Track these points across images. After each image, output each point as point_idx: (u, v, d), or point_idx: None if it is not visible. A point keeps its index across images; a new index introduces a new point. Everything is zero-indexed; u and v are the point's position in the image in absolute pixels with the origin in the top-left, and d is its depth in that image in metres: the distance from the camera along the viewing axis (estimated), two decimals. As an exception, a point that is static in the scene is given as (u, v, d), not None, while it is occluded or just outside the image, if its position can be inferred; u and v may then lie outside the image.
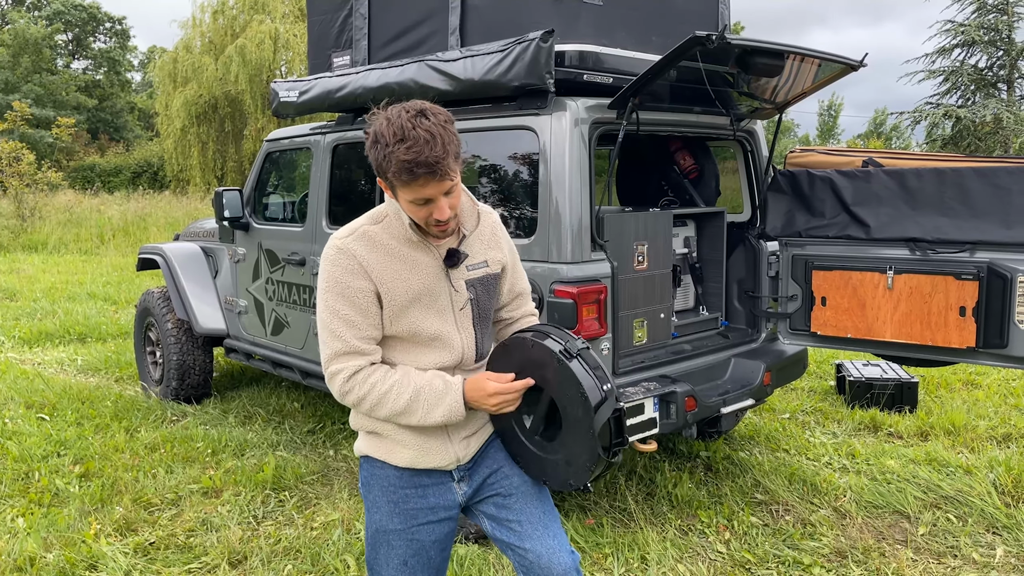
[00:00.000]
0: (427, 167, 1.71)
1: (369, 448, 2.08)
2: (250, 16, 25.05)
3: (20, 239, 16.83)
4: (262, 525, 3.89)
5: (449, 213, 1.82)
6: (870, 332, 3.93)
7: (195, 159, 25.49)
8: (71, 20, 38.10)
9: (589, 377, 1.87)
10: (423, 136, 1.70)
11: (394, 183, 1.79)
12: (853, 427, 5.17)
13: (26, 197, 17.77)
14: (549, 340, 1.93)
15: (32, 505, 4.07)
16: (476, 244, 2.04)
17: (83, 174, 27.69)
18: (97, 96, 36.32)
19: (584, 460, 1.90)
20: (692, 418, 3.61)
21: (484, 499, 2.10)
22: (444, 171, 1.73)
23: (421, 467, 2.02)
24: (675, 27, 3.89)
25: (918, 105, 18.96)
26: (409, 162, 1.71)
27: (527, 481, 2.10)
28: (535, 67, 3.30)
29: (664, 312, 3.92)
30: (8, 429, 5.17)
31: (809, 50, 3.42)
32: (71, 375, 6.82)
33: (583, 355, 1.89)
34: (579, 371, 1.87)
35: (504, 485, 2.09)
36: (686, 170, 4.63)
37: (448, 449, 2.01)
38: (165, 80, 25.71)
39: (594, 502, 4.01)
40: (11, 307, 9.91)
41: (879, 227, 3.89)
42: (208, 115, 25.63)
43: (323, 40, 4.76)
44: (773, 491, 4.14)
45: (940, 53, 18.98)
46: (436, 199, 1.79)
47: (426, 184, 1.75)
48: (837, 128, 45.01)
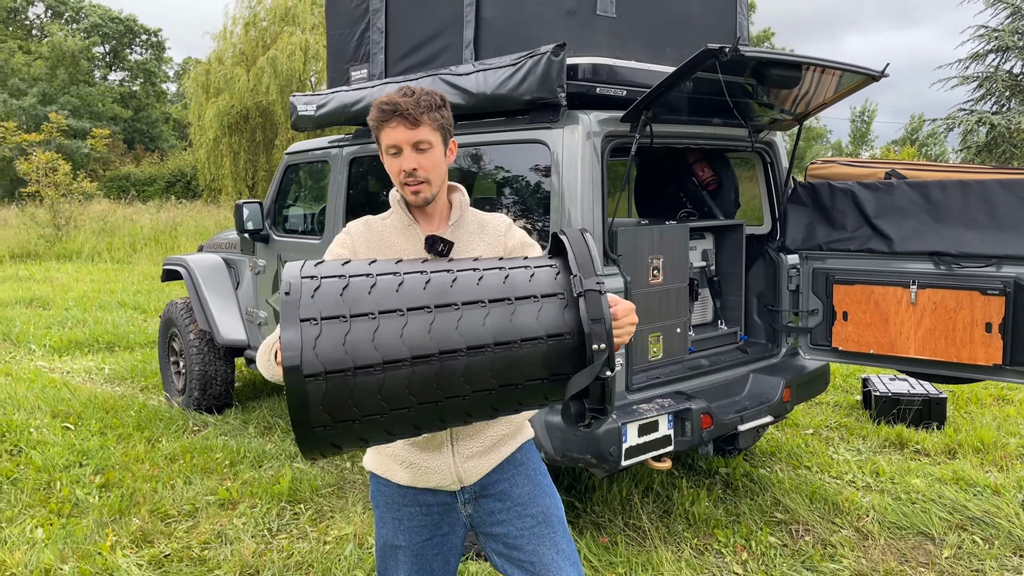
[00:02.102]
0: (394, 106, 1.86)
1: (372, 464, 2.07)
2: (280, 28, 25.36)
3: (55, 248, 17.17)
4: (276, 538, 3.89)
5: (413, 164, 1.89)
6: (893, 348, 3.84)
7: (227, 168, 25.81)
8: (108, 33, 38.92)
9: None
10: (402, 90, 1.91)
11: (375, 134, 1.93)
12: (878, 444, 5.06)
13: (61, 207, 18.13)
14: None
15: (52, 515, 4.12)
16: (465, 236, 2.02)
17: (118, 184, 28.22)
18: (133, 107, 37.05)
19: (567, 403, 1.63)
20: (708, 435, 3.55)
21: (494, 535, 2.03)
22: (413, 118, 1.86)
23: (421, 486, 2.00)
24: (691, 38, 3.84)
25: (951, 112, 18.59)
26: (381, 102, 1.89)
27: (540, 522, 2.02)
28: (547, 81, 3.27)
29: (680, 327, 3.87)
30: (33, 438, 5.24)
31: (826, 61, 3.36)
32: (98, 384, 6.92)
33: (589, 298, 1.58)
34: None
35: (517, 526, 2.01)
36: (705, 182, 4.58)
37: (449, 468, 1.97)
38: (198, 91, 26.09)
39: (608, 520, 3.95)
40: (43, 315, 10.09)
41: (902, 240, 3.81)
42: (240, 125, 25.96)
43: (341, 54, 4.78)
44: (793, 510, 4.05)
45: (973, 59, 18.61)
46: (403, 148, 1.89)
47: (396, 128, 1.87)
48: (871, 134, 44.37)
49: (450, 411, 1.59)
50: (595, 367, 1.53)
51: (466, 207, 2.07)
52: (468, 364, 1.55)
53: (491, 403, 1.62)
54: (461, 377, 1.55)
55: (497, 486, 2.03)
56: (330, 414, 1.50)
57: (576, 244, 1.66)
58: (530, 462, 2.09)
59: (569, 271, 1.63)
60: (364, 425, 1.54)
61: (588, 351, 1.55)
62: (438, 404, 1.56)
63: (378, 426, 1.55)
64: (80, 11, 39.25)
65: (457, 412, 1.60)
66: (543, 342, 1.58)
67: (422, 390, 1.53)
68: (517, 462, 2.06)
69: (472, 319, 1.55)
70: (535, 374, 1.60)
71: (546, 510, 2.05)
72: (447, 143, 1.97)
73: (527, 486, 2.05)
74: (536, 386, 1.62)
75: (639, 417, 3.34)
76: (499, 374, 1.57)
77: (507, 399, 1.62)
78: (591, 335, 1.55)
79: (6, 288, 12.38)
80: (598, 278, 1.59)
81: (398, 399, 1.52)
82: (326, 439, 1.53)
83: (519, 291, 1.61)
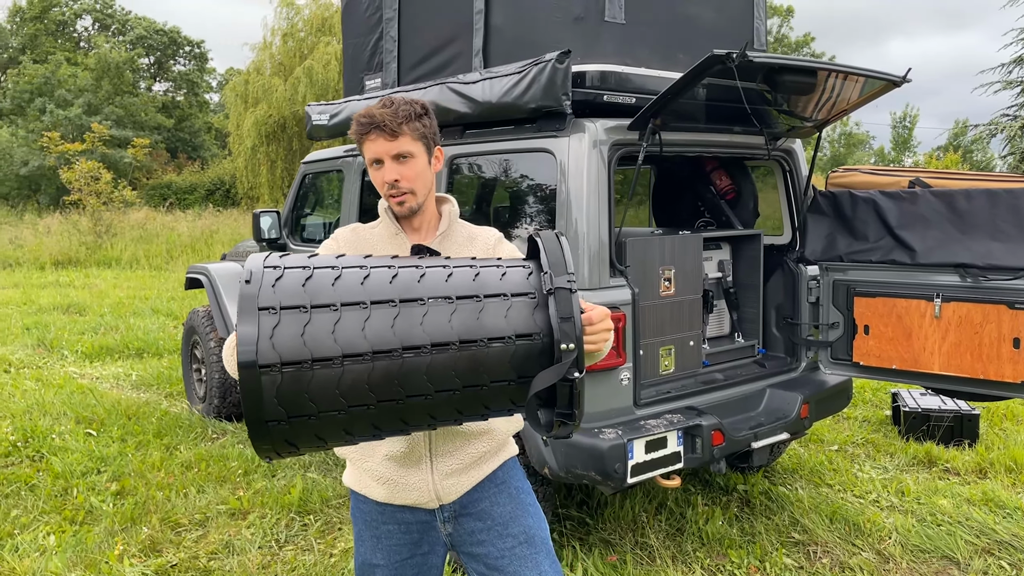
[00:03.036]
0: (371, 118, 1.85)
1: (350, 480, 2.03)
2: (317, 38, 25.71)
3: (95, 255, 17.54)
4: (283, 550, 3.87)
5: (394, 176, 1.87)
6: (916, 363, 3.70)
7: (264, 177, 26.21)
8: (153, 44, 39.85)
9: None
10: (381, 102, 1.90)
11: (358, 148, 1.92)
12: (906, 461, 4.87)
13: (102, 215, 18.54)
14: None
15: (65, 522, 4.15)
16: (453, 248, 1.98)
17: (160, 192, 28.79)
18: (176, 117, 37.82)
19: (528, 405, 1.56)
20: (720, 453, 3.44)
21: (474, 555, 1.98)
22: (391, 130, 1.84)
23: (398, 503, 1.95)
24: (704, 44, 3.74)
25: (994, 117, 18.10)
26: (359, 116, 1.88)
27: (522, 542, 1.97)
28: (551, 89, 3.22)
29: (693, 339, 3.76)
30: (55, 444, 5.31)
31: (842, 66, 3.24)
32: (124, 390, 7.01)
33: (559, 296, 1.52)
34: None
35: (498, 546, 1.95)
36: (722, 191, 4.47)
37: (428, 485, 1.92)
38: (236, 101, 26.58)
39: (619, 537, 3.86)
40: (79, 322, 10.29)
41: (926, 251, 3.66)
42: (277, 134, 26.35)
43: (356, 63, 4.78)
44: (811, 530, 3.91)
45: (1017, 62, 18.09)
46: (384, 160, 1.87)
47: (375, 141, 1.86)
48: (913, 140, 43.44)
49: (412, 411, 1.53)
50: (562, 366, 1.47)
51: (455, 218, 2.03)
52: (432, 361, 1.49)
53: (455, 404, 1.55)
54: (424, 375, 1.49)
55: (477, 505, 1.97)
56: (285, 408, 1.44)
57: (549, 244, 1.61)
58: (512, 480, 2.03)
59: (542, 271, 1.58)
60: (321, 422, 1.48)
61: (556, 350, 1.49)
62: (399, 403, 1.51)
63: (336, 424, 1.50)
64: (126, 23, 40.26)
65: (419, 413, 1.54)
66: (511, 342, 1.52)
67: (383, 387, 1.48)
68: (499, 480, 2.00)
69: (438, 315, 1.50)
70: (501, 375, 1.54)
71: (528, 530, 1.99)
72: (431, 152, 1.94)
73: (509, 505, 1.99)
74: (502, 388, 1.55)
75: (646, 433, 3.25)
76: (463, 374, 1.51)
77: (472, 402, 1.56)
78: (559, 333, 1.48)
79: (46, 294, 12.67)
80: (570, 276, 1.53)
81: (357, 395, 1.47)
82: (281, 435, 1.48)
83: (489, 289, 1.55)
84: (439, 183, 3.87)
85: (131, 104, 33.73)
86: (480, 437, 1.96)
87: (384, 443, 1.92)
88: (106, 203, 18.90)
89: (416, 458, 1.91)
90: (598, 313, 1.62)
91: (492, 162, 3.84)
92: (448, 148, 3.90)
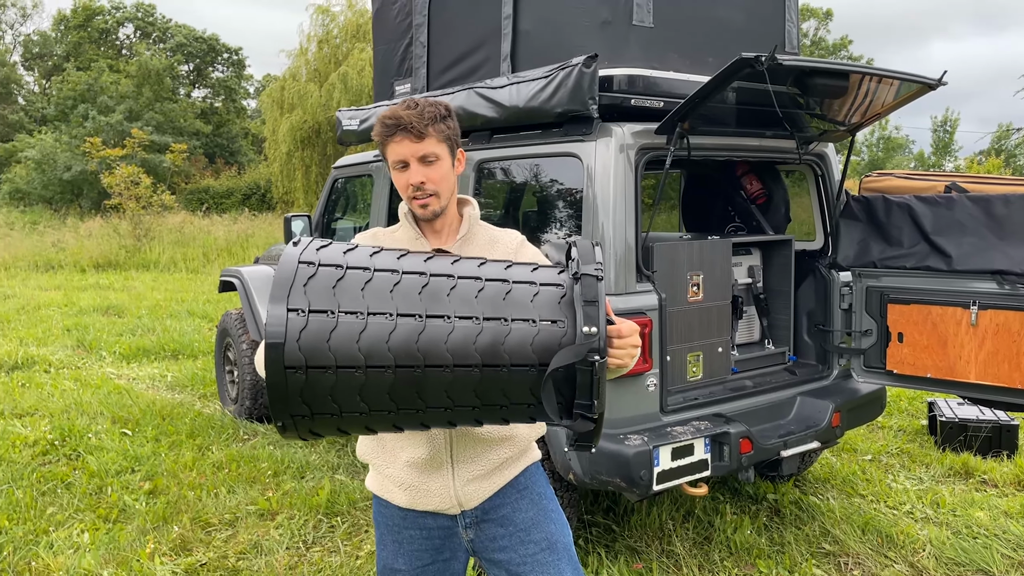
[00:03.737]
0: (397, 119, 1.83)
1: (372, 485, 2.03)
2: (352, 44, 25.97)
3: (134, 258, 17.90)
4: (310, 551, 3.90)
5: (420, 178, 1.86)
6: (952, 372, 3.61)
7: (299, 181, 26.50)
8: (192, 52, 40.56)
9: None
10: (405, 103, 1.88)
11: (381, 150, 1.90)
12: (942, 472, 4.77)
13: (142, 219, 18.91)
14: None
15: (99, 520, 4.23)
16: (474, 251, 1.97)
17: (197, 196, 29.27)
18: (214, 122, 38.44)
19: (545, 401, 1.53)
20: (748, 461, 3.40)
21: (496, 561, 1.97)
22: (418, 131, 1.83)
23: (420, 509, 1.95)
24: (734, 47, 3.70)
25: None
26: (384, 117, 1.86)
27: (544, 548, 1.96)
28: (578, 93, 3.21)
29: (722, 346, 3.72)
30: (91, 444, 5.42)
31: (875, 69, 3.19)
32: (159, 391, 7.13)
33: (584, 281, 1.51)
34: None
35: (520, 552, 1.94)
36: (753, 195, 4.41)
37: (449, 491, 1.92)
38: (272, 107, 26.92)
39: (645, 544, 3.82)
40: (117, 323, 10.49)
41: (962, 258, 3.58)
42: (311, 139, 26.64)
43: (387, 69, 4.82)
44: (843, 541, 3.84)
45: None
46: (409, 162, 1.85)
47: (400, 143, 1.84)
48: (954, 144, 42.57)
49: (432, 418, 1.55)
50: (582, 347, 1.45)
51: (476, 221, 2.02)
52: (452, 381, 1.50)
53: (474, 416, 1.57)
54: (444, 391, 1.50)
55: (499, 511, 1.96)
56: (309, 406, 1.49)
57: (583, 246, 1.60)
58: (535, 486, 2.02)
59: (572, 272, 1.56)
60: (343, 419, 1.52)
61: (578, 334, 1.47)
62: (419, 412, 1.53)
63: (357, 422, 1.54)
64: (166, 31, 41.04)
65: (439, 419, 1.56)
66: (533, 370, 1.51)
67: (403, 397, 1.50)
68: (521, 486, 1.99)
69: (463, 335, 1.50)
70: (521, 399, 1.54)
71: (550, 536, 1.98)
72: (455, 154, 1.94)
73: (531, 511, 1.98)
74: (522, 408, 1.55)
75: (672, 440, 3.22)
76: (483, 393, 1.52)
77: (491, 415, 1.57)
78: (582, 316, 1.47)
79: (86, 296, 12.94)
80: (597, 265, 1.52)
81: (378, 401, 1.49)
82: (304, 426, 1.52)
83: (517, 311, 1.54)
84: (467, 186, 3.88)
85: (171, 110, 34.35)
86: (502, 443, 1.95)
87: (406, 449, 1.92)
88: (145, 207, 19.28)
89: (437, 464, 1.91)
90: (628, 327, 1.60)
91: (519, 166, 3.85)
92: (476, 152, 3.91)
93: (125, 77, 34.33)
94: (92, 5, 40.39)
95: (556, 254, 2.88)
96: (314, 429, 1.53)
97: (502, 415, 1.57)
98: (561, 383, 1.49)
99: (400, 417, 1.53)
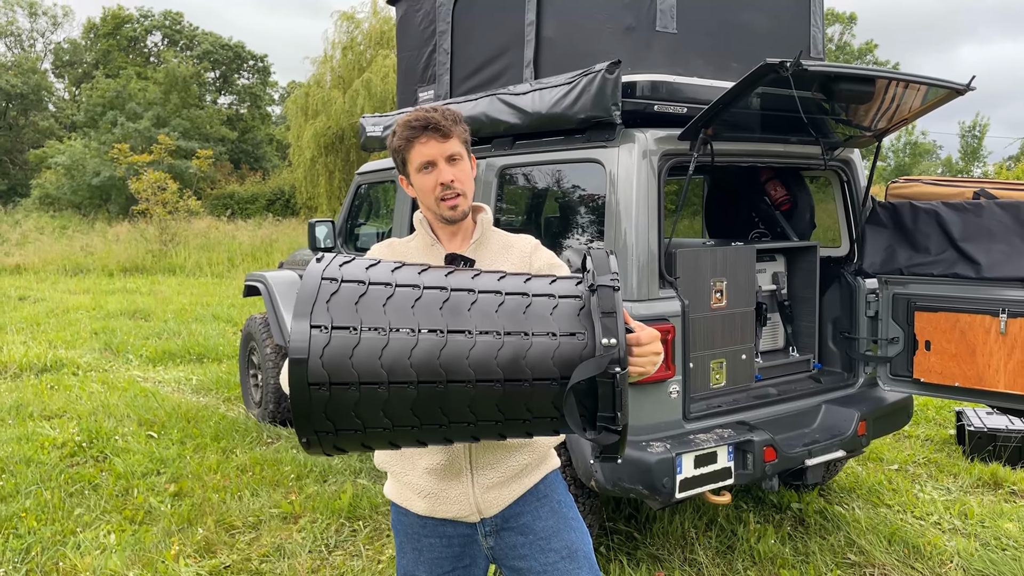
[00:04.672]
0: (423, 120, 1.86)
1: (391, 492, 2.04)
2: (376, 51, 26.14)
3: (161, 262, 18.13)
4: (332, 554, 3.92)
5: (451, 176, 1.88)
6: (981, 381, 3.56)
7: (322, 187, 26.69)
8: (218, 59, 41.06)
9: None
10: (423, 108, 1.91)
11: (401, 156, 1.92)
12: (970, 483, 4.69)
13: (168, 223, 19.15)
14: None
15: (125, 522, 4.28)
16: (488, 256, 1.98)
17: (223, 201, 29.59)
18: (240, 129, 38.87)
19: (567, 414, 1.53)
20: (772, 469, 3.37)
21: (516, 569, 1.97)
22: (443, 130, 1.85)
23: (439, 516, 1.95)
24: (758, 52, 3.69)
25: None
26: (409, 121, 1.88)
27: (564, 557, 1.95)
28: (601, 99, 3.21)
29: (746, 353, 3.70)
30: (118, 446, 5.49)
31: (902, 74, 3.15)
32: (184, 394, 7.21)
33: (601, 293, 1.51)
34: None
35: (540, 560, 1.94)
36: (777, 201, 4.38)
37: (468, 498, 1.91)
38: (297, 113, 27.16)
39: (668, 552, 3.80)
40: (144, 327, 10.63)
41: (991, 265, 3.53)
42: (335, 146, 26.84)
43: (410, 75, 4.85)
44: (868, 552, 3.79)
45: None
46: (437, 162, 1.87)
47: (427, 143, 1.86)
48: (983, 150, 41.94)
49: (455, 432, 1.56)
50: (603, 359, 1.44)
51: (489, 226, 2.03)
52: (475, 396, 1.50)
53: (498, 431, 1.57)
54: (467, 406, 1.51)
55: (519, 519, 1.96)
56: (333, 422, 1.50)
57: (597, 256, 1.61)
58: (555, 494, 2.01)
59: (589, 284, 1.56)
60: (367, 435, 1.53)
61: (597, 345, 1.46)
62: (442, 427, 1.54)
63: (381, 437, 1.54)
64: (193, 39, 41.58)
65: (462, 434, 1.57)
66: (555, 383, 1.51)
67: (427, 412, 1.50)
68: (541, 494, 1.99)
69: (484, 350, 1.50)
70: (544, 412, 1.54)
71: (571, 545, 1.97)
72: (471, 157, 1.97)
73: (551, 519, 1.98)
74: (545, 422, 1.55)
75: (696, 447, 3.20)
76: (506, 408, 1.52)
77: (515, 429, 1.58)
78: (600, 328, 1.46)
79: (114, 300, 13.12)
80: (613, 276, 1.52)
81: (402, 417, 1.50)
82: (328, 442, 1.54)
83: (538, 325, 1.54)
84: (489, 193, 3.89)
85: (197, 116, 34.79)
86: (521, 450, 1.95)
87: (424, 456, 1.92)
88: (172, 212, 19.53)
89: (456, 471, 1.91)
90: (647, 335, 1.59)
91: (542, 172, 3.85)
92: (498, 159, 3.92)
93: (153, 84, 34.82)
94: (121, 13, 41.03)
95: (576, 259, 2.87)
96: (338, 445, 1.55)
97: (526, 429, 1.57)
98: (583, 395, 1.48)
99: (424, 432, 1.54)
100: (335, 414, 1.48)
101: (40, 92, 39.08)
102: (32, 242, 20.21)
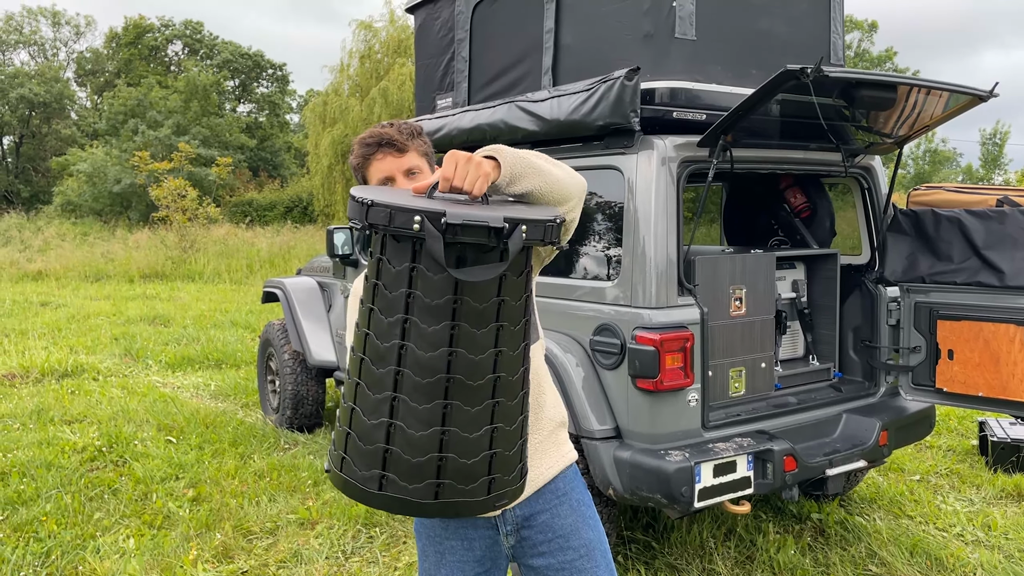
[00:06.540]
0: (377, 137, 1.87)
1: None
2: (393, 59, 26.29)
3: (180, 269, 18.28)
4: (349, 561, 3.92)
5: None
6: (1005, 391, 3.51)
7: (339, 195, 26.84)
8: (238, 68, 41.52)
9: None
10: (379, 124, 1.93)
11: (360, 175, 1.92)
12: (994, 494, 4.62)
13: (188, 230, 19.32)
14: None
15: (144, 526, 4.30)
16: None
17: (242, 208, 29.83)
18: (258, 137, 39.22)
19: None
20: (792, 479, 3.33)
21: (534, 567, 1.96)
22: (398, 145, 1.87)
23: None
24: (778, 59, 3.67)
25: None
26: (364, 139, 1.90)
27: (583, 555, 1.95)
28: (620, 106, 3.20)
29: (765, 361, 3.67)
30: (138, 451, 5.53)
31: (923, 80, 3.13)
32: (203, 400, 7.25)
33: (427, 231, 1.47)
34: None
35: (558, 558, 1.94)
36: (797, 208, 4.35)
37: None
38: (315, 121, 27.35)
39: (686, 562, 3.77)
40: (163, 333, 10.71)
41: (1015, 273, 3.48)
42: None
43: (428, 83, 4.87)
44: (890, 563, 3.74)
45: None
46: (396, 177, 1.88)
47: (383, 159, 1.87)
48: (1003, 157, 41.51)
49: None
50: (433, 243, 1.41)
51: None
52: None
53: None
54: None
55: (539, 517, 1.96)
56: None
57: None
58: (573, 492, 2.02)
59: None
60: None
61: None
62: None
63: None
64: (213, 48, 42.06)
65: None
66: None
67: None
68: (560, 492, 1.99)
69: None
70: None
71: (589, 543, 1.98)
72: (432, 170, 1.96)
73: (570, 517, 1.98)
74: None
75: (715, 456, 3.17)
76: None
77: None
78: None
79: (134, 306, 13.24)
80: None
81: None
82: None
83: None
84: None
85: (217, 124, 35.13)
86: (531, 431, 1.94)
87: None
88: (191, 219, 19.71)
89: None
90: (448, 160, 1.54)
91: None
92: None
93: (173, 92, 35.22)
94: (142, 23, 41.59)
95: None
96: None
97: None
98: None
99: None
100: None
101: (63, 100, 39.66)
102: (54, 248, 20.45)
